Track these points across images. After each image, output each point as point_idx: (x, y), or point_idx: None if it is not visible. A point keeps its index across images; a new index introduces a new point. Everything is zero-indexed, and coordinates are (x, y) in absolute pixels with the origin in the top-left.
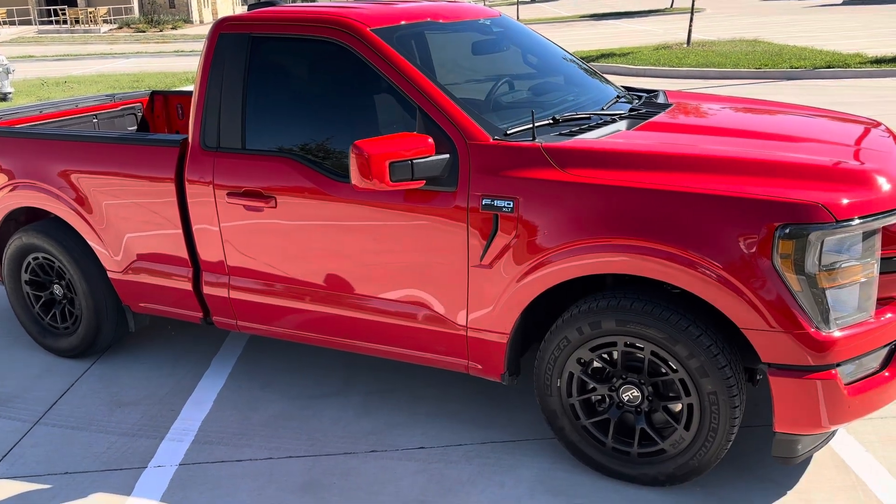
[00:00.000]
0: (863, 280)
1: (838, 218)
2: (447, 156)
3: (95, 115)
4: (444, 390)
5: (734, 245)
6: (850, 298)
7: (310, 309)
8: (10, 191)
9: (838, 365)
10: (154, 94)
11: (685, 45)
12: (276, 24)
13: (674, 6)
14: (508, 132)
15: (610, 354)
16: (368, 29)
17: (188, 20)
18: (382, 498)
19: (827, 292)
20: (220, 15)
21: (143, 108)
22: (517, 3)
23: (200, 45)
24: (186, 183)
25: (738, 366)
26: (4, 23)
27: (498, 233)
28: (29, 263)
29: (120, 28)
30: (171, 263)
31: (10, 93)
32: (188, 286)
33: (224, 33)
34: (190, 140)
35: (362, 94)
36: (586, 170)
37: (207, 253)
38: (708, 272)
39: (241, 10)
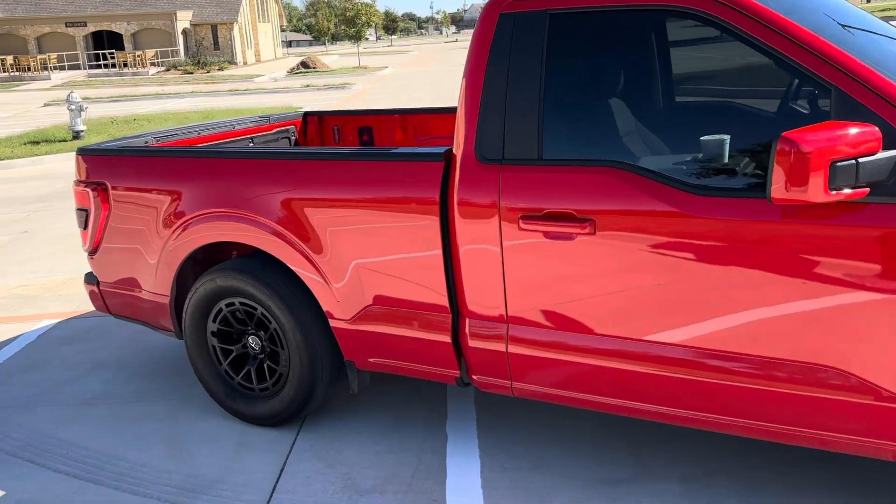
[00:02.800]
0: None
1: None
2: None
3: (251, 137)
4: (785, 472)
5: None
6: None
7: (635, 370)
8: (195, 224)
9: None
10: (307, 115)
11: None
12: None
13: None
14: None
15: None
16: None
17: (232, 61)
18: None
19: None
20: (263, 57)
21: (297, 131)
22: None
23: (249, 84)
24: (457, 206)
25: None
26: (55, 68)
27: None
28: (220, 311)
29: (167, 70)
30: (422, 309)
31: (82, 130)
32: (446, 338)
33: (507, 13)
34: (460, 152)
35: (733, 78)
36: None
37: (478, 295)
38: None
39: (281, 51)
